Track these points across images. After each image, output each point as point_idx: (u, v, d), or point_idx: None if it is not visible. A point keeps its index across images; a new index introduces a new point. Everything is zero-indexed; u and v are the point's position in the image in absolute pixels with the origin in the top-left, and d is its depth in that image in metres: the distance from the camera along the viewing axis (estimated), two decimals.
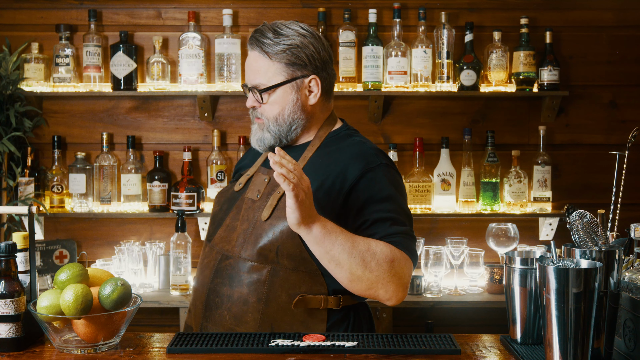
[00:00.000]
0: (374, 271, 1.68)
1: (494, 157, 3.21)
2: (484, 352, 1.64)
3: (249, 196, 1.87)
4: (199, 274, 1.91)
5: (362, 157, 1.82)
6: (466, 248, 3.02)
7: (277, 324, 1.76)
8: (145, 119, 3.33)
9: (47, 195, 3.24)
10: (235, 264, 1.80)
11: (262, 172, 1.90)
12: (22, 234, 1.75)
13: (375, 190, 1.77)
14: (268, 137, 1.86)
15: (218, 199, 1.99)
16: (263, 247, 1.76)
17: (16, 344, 1.62)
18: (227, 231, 1.87)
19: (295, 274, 1.76)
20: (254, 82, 1.84)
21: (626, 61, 3.31)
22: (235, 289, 1.78)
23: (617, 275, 1.53)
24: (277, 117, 1.84)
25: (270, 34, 1.81)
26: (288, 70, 1.82)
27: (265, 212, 1.78)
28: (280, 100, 1.83)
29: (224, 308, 1.79)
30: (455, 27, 3.20)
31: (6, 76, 3.09)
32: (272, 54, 1.80)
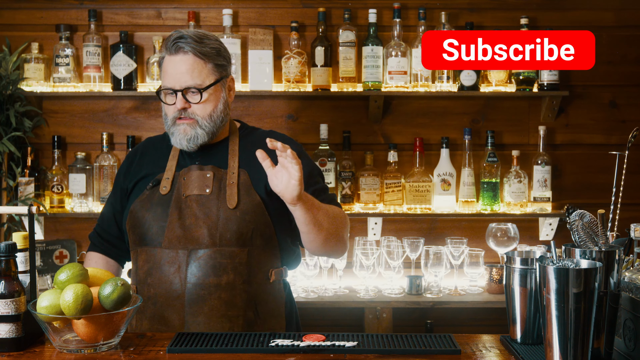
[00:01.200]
0: (339, 228, 2.00)
1: (494, 157, 3.21)
2: (484, 352, 1.64)
3: (196, 193, 1.98)
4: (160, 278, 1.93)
5: (289, 141, 2.09)
6: (466, 248, 3.02)
7: (258, 300, 1.94)
8: (145, 119, 3.33)
9: (47, 195, 3.24)
10: (214, 254, 1.91)
11: (196, 170, 2.01)
12: (22, 234, 1.75)
13: (311, 166, 2.08)
14: (201, 134, 2.00)
15: (142, 205, 2.01)
16: (240, 232, 1.93)
17: (16, 344, 1.62)
18: (183, 229, 1.94)
19: (264, 251, 1.98)
20: (189, 83, 1.97)
21: (626, 61, 3.31)
22: (221, 277, 1.90)
23: (617, 275, 1.53)
24: (212, 114, 2.00)
25: (196, 39, 1.97)
26: (218, 70, 2.02)
27: (231, 201, 1.95)
28: (213, 98, 2.00)
29: (213, 298, 1.90)
30: (455, 27, 3.20)
31: (6, 76, 3.09)
32: (205, 56, 1.97)
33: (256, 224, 1.95)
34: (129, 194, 2.10)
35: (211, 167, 2.01)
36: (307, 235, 1.94)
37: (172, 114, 2.01)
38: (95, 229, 2.21)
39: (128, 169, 2.15)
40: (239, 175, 2.00)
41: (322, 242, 1.96)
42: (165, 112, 2.04)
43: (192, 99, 1.98)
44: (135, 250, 2.03)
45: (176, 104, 1.98)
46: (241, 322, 1.91)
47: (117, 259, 2.18)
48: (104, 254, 2.17)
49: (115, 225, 2.14)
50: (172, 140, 2.04)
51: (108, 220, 2.16)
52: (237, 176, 1.99)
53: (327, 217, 1.94)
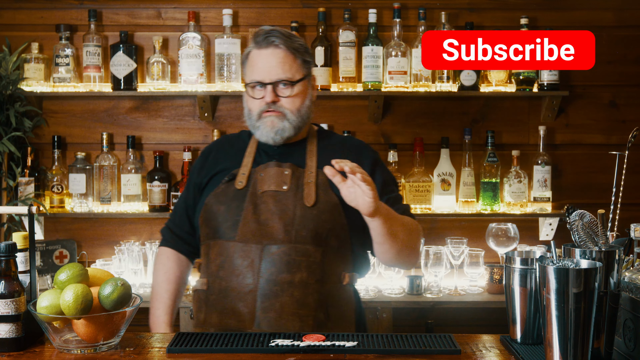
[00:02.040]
0: (414, 241, 1.98)
1: (494, 157, 3.21)
2: (484, 352, 1.64)
3: (273, 189, 1.96)
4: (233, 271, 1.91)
5: (365, 147, 2.12)
6: (466, 248, 3.02)
7: (330, 302, 1.91)
8: (145, 119, 3.33)
9: (47, 195, 3.24)
10: (289, 250, 1.89)
11: (274, 166, 2.00)
12: (22, 234, 1.75)
13: (386, 174, 2.08)
14: (289, 127, 1.99)
15: (218, 199, 2.00)
16: (316, 231, 1.91)
17: (16, 344, 1.62)
18: (256, 224, 1.92)
19: (337, 253, 1.95)
20: (281, 76, 1.97)
21: (626, 61, 3.31)
22: (295, 274, 1.88)
23: (617, 275, 1.53)
24: (300, 108, 2.00)
25: (286, 34, 1.99)
26: (305, 66, 2.03)
27: (309, 199, 1.93)
28: (301, 93, 2.00)
29: (285, 295, 1.87)
30: (455, 27, 3.20)
31: (6, 76, 3.09)
32: (296, 51, 1.99)
33: (332, 224, 1.93)
34: (203, 188, 2.09)
35: (289, 164, 2.00)
36: (381, 246, 1.92)
37: (258, 108, 2.00)
38: (167, 224, 2.20)
39: (203, 165, 2.13)
40: (317, 175, 1.98)
41: (395, 253, 1.94)
42: (250, 107, 2.02)
43: (282, 92, 1.98)
44: (208, 243, 2.00)
45: (265, 97, 1.97)
46: (311, 322, 1.87)
47: (188, 255, 2.16)
48: (175, 250, 2.16)
49: (187, 220, 2.13)
50: (257, 134, 2.02)
51: (180, 216, 2.15)
52: (315, 175, 1.97)
53: (402, 228, 1.92)
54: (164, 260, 2.16)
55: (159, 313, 2.10)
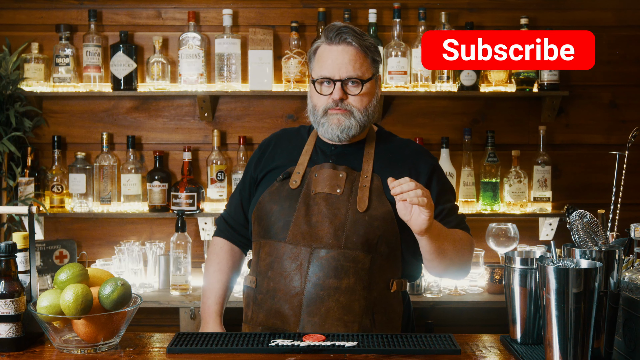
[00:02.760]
0: (463, 256, 1.95)
1: (494, 157, 3.21)
2: (484, 352, 1.64)
3: (326, 191, 1.94)
4: (282, 272, 1.90)
5: (424, 153, 2.09)
6: None
7: (376, 308, 1.89)
8: (145, 119, 3.33)
9: (47, 195, 3.24)
10: (337, 255, 1.87)
11: (330, 168, 1.98)
12: (22, 234, 1.75)
13: (443, 183, 2.04)
14: (354, 126, 1.97)
15: (271, 197, 1.99)
16: (367, 237, 1.89)
17: (16, 344, 1.62)
18: (308, 226, 1.91)
19: (386, 260, 1.93)
20: (351, 74, 1.94)
21: (626, 61, 3.31)
22: (342, 280, 1.86)
23: (617, 275, 1.53)
24: (367, 107, 1.98)
25: (358, 32, 1.96)
26: (374, 65, 2.00)
27: (361, 204, 1.91)
28: (369, 92, 1.98)
29: (331, 300, 1.85)
30: (455, 27, 3.20)
31: (6, 76, 3.09)
32: (367, 50, 1.96)
33: (384, 231, 1.90)
34: (258, 183, 2.08)
35: (345, 167, 1.97)
36: (429, 262, 1.91)
37: (324, 104, 1.97)
38: (222, 214, 2.21)
39: (260, 159, 2.13)
40: (372, 180, 1.95)
41: (444, 268, 1.93)
42: (315, 102, 1.99)
43: (350, 90, 1.95)
44: (259, 241, 2.00)
45: (333, 94, 1.95)
46: (356, 328, 1.86)
47: (241, 246, 2.17)
48: (229, 240, 2.16)
49: (242, 212, 2.13)
50: (322, 131, 2.00)
51: (235, 207, 2.15)
52: (370, 180, 1.95)
53: (452, 245, 1.90)
54: (217, 250, 2.17)
55: (210, 302, 2.11)
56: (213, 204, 3.21)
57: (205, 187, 3.25)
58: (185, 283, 2.96)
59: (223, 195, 3.21)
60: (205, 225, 3.20)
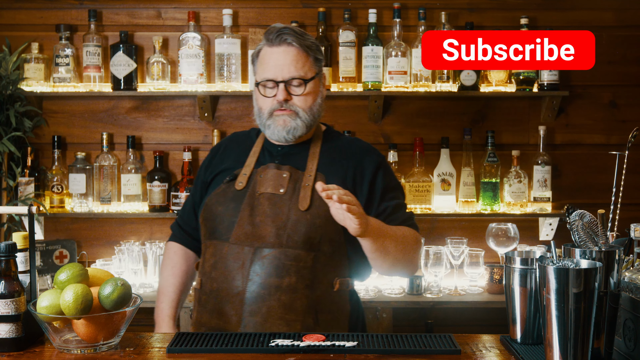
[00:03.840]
0: (409, 253, 1.94)
1: (494, 157, 3.21)
2: (484, 352, 1.64)
3: (270, 191, 1.95)
4: (224, 273, 1.91)
5: (371, 151, 2.07)
6: (466, 248, 3.02)
7: (320, 307, 1.89)
8: (145, 119, 3.33)
9: (47, 195, 3.24)
10: (279, 254, 1.88)
11: (274, 169, 1.98)
12: (22, 234, 1.75)
13: (389, 180, 2.03)
14: (300, 126, 1.98)
15: (217, 199, 2.00)
16: (308, 236, 1.89)
17: (16, 344, 1.62)
18: (252, 227, 1.91)
19: (331, 259, 1.92)
20: (293, 74, 1.96)
21: (626, 61, 3.31)
22: (283, 279, 1.87)
23: (617, 275, 1.53)
24: (312, 106, 1.99)
25: (298, 32, 1.97)
26: (317, 64, 2.02)
27: (303, 203, 1.91)
28: (313, 91, 1.99)
29: (272, 298, 1.86)
30: (455, 27, 3.20)
31: (6, 76, 3.09)
32: (308, 49, 1.98)
33: (326, 230, 1.90)
34: (208, 186, 2.10)
35: (289, 167, 1.98)
36: (372, 260, 1.91)
37: (269, 106, 1.98)
38: (176, 219, 2.23)
39: (210, 162, 2.15)
40: (315, 179, 1.95)
41: (388, 267, 1.94)
42: (260, 105, 2.01)
43: (294, 90, 1.97)
44: (205, 243, 2.01)
45: (277, 96, 1.96)
46: (299, 327, 1.86)
47: (196, 250, 2.17)
48: (183, 245, 2.18)
49: (194, 216, 2.14)
50: (268, 133, 2.01)
51: (188, 212, 2.17)
52: (313, 179, 1.95)
53: (394, 243, 1.89)
54: (171, 254, 2.18)
55: (163, 306, 2.11)
56: None
57: None
58: None
59: None
60: None
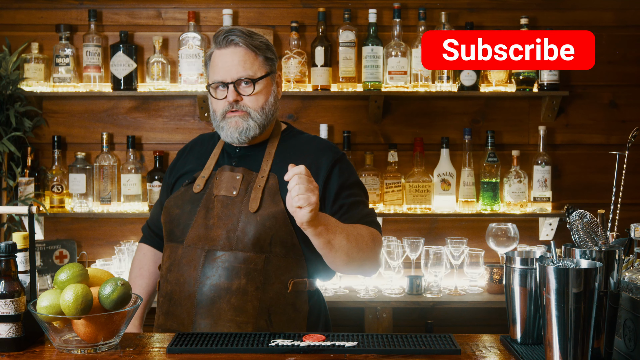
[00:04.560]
0: (365, 251, 1.88)
1: (494, 157, 3.21)
2: (484, 352, 1.64)
3: (223, 194, 1.95)
4: (178, 275, 1.93)
5: (328, 149, 2.04)
6: (466, 248, 3.02)
7: (273, 309, 1.88)
8: (145, 119, 3.33)
9: (47, 195, 3.24)
10: (229, 257, 1.88)
11: (228, 171, 1.99)
12: (22, 234, 1.75)
13: (346, 177, 1.99)
14: (254, 126, 1.97)
15: (175, 202, 2.01)
16: (258, 238, 1.88)
17: (16, 344, 1.62)
18: (204, 229, 1.92)
19: (285, 260, 1.91)
20: (241, 74, 1.95)
21: (626, 61, 3.31)
22: (233, 281, 1.87)
23: (617, 275, 1.53)
24: (264, 106, 1.98)
25: (246, 32, 1.97)
26: (268, 64, 2.01)
27: (252, 205, 1.90)
28: (265, 91, 1.99)
29: (222, 301, 1.86)
30: (455, 27, 3.20)
31: (6, 76, 3.09)
32: (256, 49, 1.97)
33: (276, 231, 1.88)
34: (171, 188, 2.11)
35: (242, 169, 1.98)
36: (324, 258, 1.88)
37: (222, 108, 1.98)
38: (147, 221, 2.24)
39: (175, 165, 2.15)
40: (267, 180, 1.94)
41: (342, 264, 1.88)
42: (214, 108, 2.01)
43: (244, 91, 1.96)
44: (164, 245, 2.03)
45: (227, 97, 1.95)
46: (250, 329, 1.86)
47: None
48: (152, 246, 2.19)
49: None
50: (222, 135, 2.00)
51: (157, 214, 2.17)
52: (265, 180, 1.94)
53: (346, 240, 1.83)
54: (140, 256, 2.20)
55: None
56: None
57: None
58: None
59: None
60: None
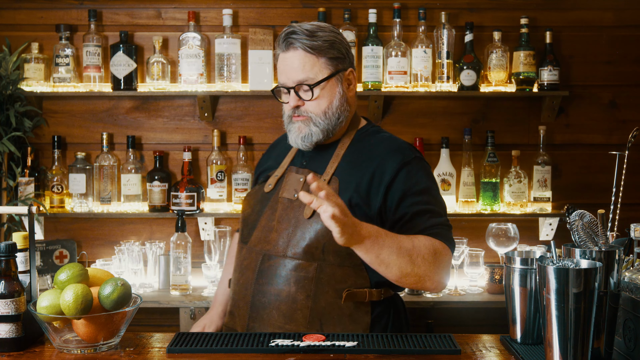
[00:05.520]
0: (421, 266, 1.74)
1: (494, 157, 3.21)
2: (484, 352, 1.64)
3: (285, 196, 1.91)
4: (239, 276, 1.92)
5: (398, 151, 1.91)
6: (466, 248, 3.02)
7: (326, 319, 1.81)
8: (145, 119, 3.33)
9: (47, 195, 3.24)
10: (281, 263, 1.84)
11: (294, 172, 1.95)
12: (22, 234, 1.75)
13: (413, 183, 1.85)
14: (316, 132, 1.90)
15: (248, 200, 2.01)
16: (310, 245, 1.81)
17: (16, 344, 1.62)
18: (265, 232, 1.90)
19: (340, 269, 1.82)
20: (300, 79, 1.88)
21: (626, 61, 3.31)
22: (283, 288, 1.82)
23: (617, 275, 1.53)
24: (327, 110, 1.89)
25: (308, 33, 1.87)
26: (332, 63, 1.89)
27: (307, 211, 1.83)
28: (327, 94, 1.89)
29: (272, 307, 1.83)
30: (455, 27, 3.20)
31: (6, 76, 3.09)
32: (316, 51, 1.86)
33: (329, 239, 1.74)
34: (254, 184, 2.11)
35: (307, 170, 1.91)
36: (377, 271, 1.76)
37: (287, 112, 1.94)
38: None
39: (260, 159, 2.15)
40: (328, 183, 1.86)
41: (395, 279, 1.76)
42: (283, 110, 1.98)
43: (304, 95, 1.89)
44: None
45: (290, 102, 1.91)
46: None
47: None
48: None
49: None
50: (289, 139, 1.95)
51: None
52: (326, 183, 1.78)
53: (396, 255, 1.71)
54: (233, 245, 2.26)
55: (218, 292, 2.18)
56: (213, 204, 3.21)
57: (205, 187, 3.25)
58: (185, 283, 2.95)
59: (223, 195, 3.21)
60: (205, 225, 3.20)
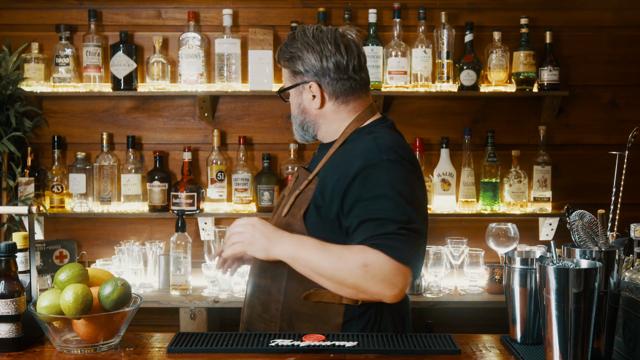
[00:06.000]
0: (350, 278, 1.68)
1: (494, 157, 3.21)
2: (484, 352, 1.64)
3: (286, 193, 2.01)
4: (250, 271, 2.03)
5: (362, 154, 1.78)
6: (466, 248, 3.02)
7: (296, 315, 1.83)
8: (145, 119, 3.33)
9: (47, 195, 3.24)
10: None
11: (295, 170, 2.04)
12: (22, 234, 1.75)
13: (368, 189, 1.73)
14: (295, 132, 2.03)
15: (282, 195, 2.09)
16: None
17: (16, 344, 1.62)
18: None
19: None
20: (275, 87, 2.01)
21: (626, 61, 3.31)
22: (263, 279, 1.90)
23: (617, 275, 1.53)
24: (296, 116, 2.00)
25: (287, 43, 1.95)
26: (292, 76, 1.96)
27: (284, 209, 1.90)
28: (292, 102, 2.00)
29: (255, 297, 1.92)
30: (455, 27, 3.20)
31: (6, 76, 3.09)
32: (283, 61, 1.97)
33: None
34: None
35: (302, 170, 1.99)
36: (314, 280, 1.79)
37: None
38: None
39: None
40: (309, 183, 1.88)
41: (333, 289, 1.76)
42: None
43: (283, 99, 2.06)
44: None
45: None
46: (276, 330, 1.84)
47: None
48: None
49: None
50: None
51: None
52: (307, 184, 1.88)
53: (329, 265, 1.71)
54: None
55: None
56: (213, 204, 3.21)
57: (205, 187, 3.25)
58: (185, 283, 2.95)
59: (223, 195, 3.21)
60: (205, 225, 3.20)
